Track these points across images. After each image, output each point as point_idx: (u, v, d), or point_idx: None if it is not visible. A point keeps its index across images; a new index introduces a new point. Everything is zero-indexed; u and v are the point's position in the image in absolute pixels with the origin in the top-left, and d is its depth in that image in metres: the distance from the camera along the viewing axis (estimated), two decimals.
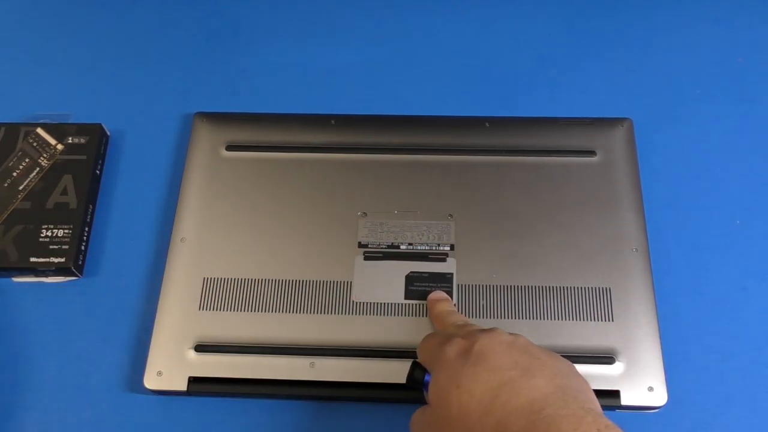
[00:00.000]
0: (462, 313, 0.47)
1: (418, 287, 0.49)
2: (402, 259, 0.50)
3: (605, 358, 0.46)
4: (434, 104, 0.58)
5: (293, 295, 0.48)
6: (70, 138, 0.56)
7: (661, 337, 0.46)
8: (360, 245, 0.50)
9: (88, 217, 0.54)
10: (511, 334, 0.38)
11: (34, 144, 0.55)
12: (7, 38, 0.64)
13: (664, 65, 0.60)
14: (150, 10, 0.65)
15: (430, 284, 0.49)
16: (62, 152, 0.55)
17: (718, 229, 0.52)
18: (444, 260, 0.50)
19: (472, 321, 0.46)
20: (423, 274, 0.49)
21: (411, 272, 0.49)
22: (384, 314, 0.48)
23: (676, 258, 0.51)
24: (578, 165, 0.53)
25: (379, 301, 0.48)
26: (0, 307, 0.52)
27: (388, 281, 0.49)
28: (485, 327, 0.40)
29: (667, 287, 0.50)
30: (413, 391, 0.45)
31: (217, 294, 0.49)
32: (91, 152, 0.55)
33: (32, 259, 0.51)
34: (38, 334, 0.50)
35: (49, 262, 0.51)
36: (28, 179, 0.54)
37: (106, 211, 0.55)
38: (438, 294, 0.48)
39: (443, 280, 0.49)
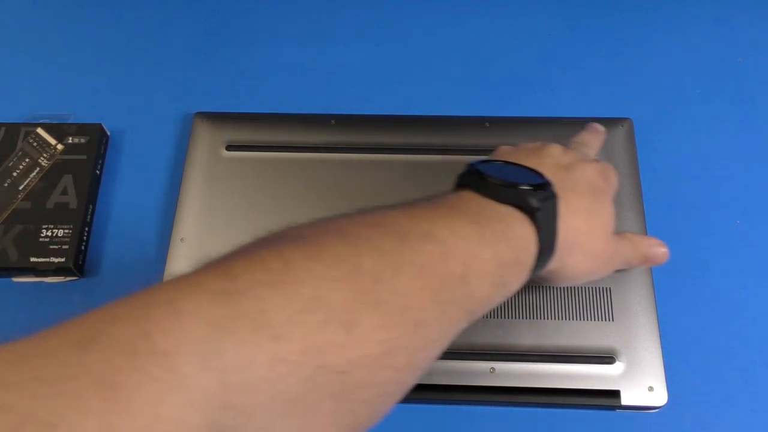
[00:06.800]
0: None
1: None
2: None
3: (605, 358, 0.46)
4: (434, 104, 0.58)
5: None
6: (70, 138, 0.56)
7: (661, 337, 0.46)
8: None
9: (88, 217, 0.54)
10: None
11: (34, 144, 0.55)
12: (7, 38, 0.64)
13: (664, 65, 0.60)
14: (150, 10, 0.65)
15: None
16: (62, 152, 0.55)
17: (718, 229, 0.52)
18: None
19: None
20: None
21: None
22: None
23: (676, 258, 0.51)
24: None
25: None
26: (0, 307, 0.52)
27: None
28: None
29: (667, 287, 0.50)
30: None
31: None
32: (91, 152, 0.55)
33: (32, 259, 0.51)
34: None
35: (49, 262, 0.51)
36: (28, 179, 0.54)
37: (106, 211, 0.55)
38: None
39: None
